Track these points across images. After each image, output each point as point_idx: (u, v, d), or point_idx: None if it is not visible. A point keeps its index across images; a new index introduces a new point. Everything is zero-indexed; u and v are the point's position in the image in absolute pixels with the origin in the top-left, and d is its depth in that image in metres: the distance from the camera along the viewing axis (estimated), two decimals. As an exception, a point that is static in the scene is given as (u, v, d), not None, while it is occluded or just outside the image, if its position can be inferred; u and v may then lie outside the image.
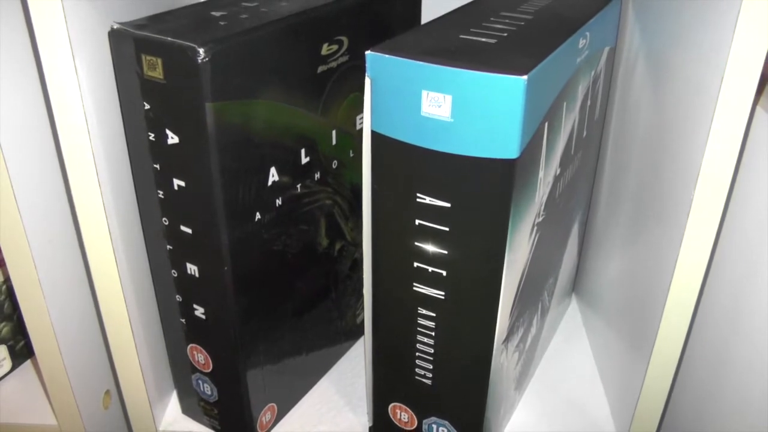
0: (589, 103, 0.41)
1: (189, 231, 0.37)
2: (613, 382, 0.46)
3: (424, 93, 0.30)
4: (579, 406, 0.47)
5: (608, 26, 0.42)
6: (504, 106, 0.29)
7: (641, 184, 0.42)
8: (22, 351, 0.53)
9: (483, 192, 0.31)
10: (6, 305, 0.50)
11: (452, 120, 0.30)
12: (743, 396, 0.39)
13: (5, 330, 0.51)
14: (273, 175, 0.37)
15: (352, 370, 0.51)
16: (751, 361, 0.38)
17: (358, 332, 0.53)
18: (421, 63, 0.29)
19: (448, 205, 0.32)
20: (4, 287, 0.50)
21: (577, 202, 0.47)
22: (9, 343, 0.51)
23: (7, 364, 0.52)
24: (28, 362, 0.54)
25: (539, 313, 0.44)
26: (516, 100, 0.28)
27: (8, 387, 0.51)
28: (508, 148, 0.29)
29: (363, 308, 0.51)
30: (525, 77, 0.28)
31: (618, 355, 0.46)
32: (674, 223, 0.36)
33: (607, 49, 0.43)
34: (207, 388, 0.43)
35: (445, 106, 0.30)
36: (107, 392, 0.50)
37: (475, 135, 0.30)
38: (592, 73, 0.40)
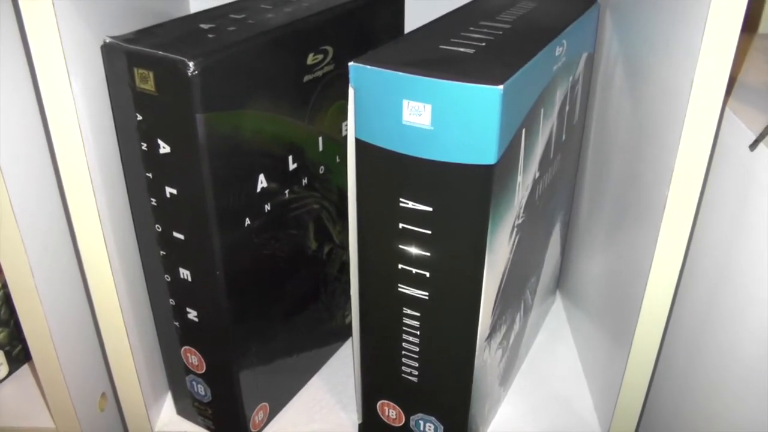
0: (567, 107, 0.42)
1: (181, 237, 0.38)
2: (596, 377, 0.47)
3: (405, 102, 0.31)
4: (563, 400, 0.48)
5: (586, 33, 0.43)
6: (481, 115, 0.30)
7: (620, 185, 0.43)
8: (18, 356, 0.53)
9: (463, 196, 0.32)
10: (2, 311, 0.51)
11: (432, 128, 0.31)
12: (717, 386, 0.40)
13: (2, 336, 0.51)
14: (262, 182, 0.38)
15: (343, 369, 0.51)
16: (724, 353, 0.39)
17: (348, 332, 0.54)
18: (401, 74, 0.30)
19: (429, 209, 0.33)
20: (0, 293, 0.51)
21: (558, 204, 0.48)
22: (6, 349, 0.52)
23: (4, 369, 0.52)
24: (25, 367, 0.54)
25: (522, 311, 0.45)
26: (493, 109, 0.29)
27: (5, 392, 0.52)
28: (486, 155, 0.31)
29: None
30: (501, 87, 0.29)
31: (600, 351, 0.47)
32: (650, 222, 0.37)
33: (585, 54, 0.44)
34: (201, 389, 0.44)
35: (425, 114, 0.31)
36: (103, 395, 0.50)
37: (455, 142, 0.31)
38: (571, 78, 0.41)
